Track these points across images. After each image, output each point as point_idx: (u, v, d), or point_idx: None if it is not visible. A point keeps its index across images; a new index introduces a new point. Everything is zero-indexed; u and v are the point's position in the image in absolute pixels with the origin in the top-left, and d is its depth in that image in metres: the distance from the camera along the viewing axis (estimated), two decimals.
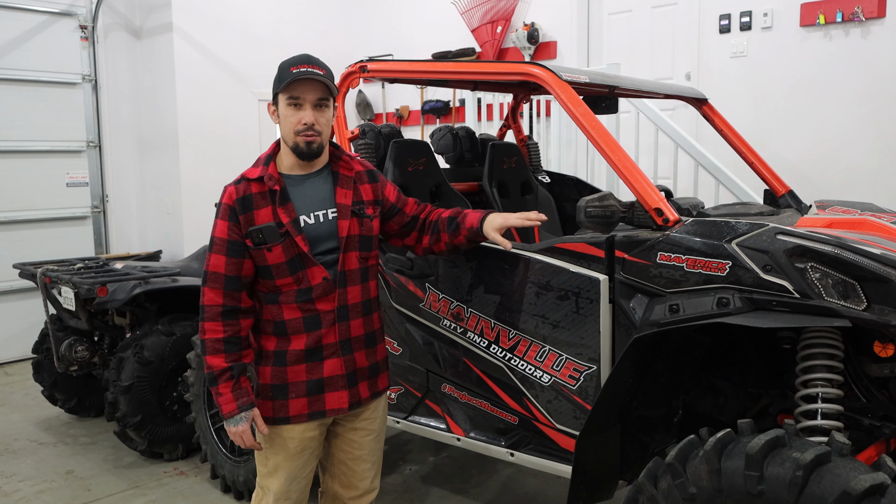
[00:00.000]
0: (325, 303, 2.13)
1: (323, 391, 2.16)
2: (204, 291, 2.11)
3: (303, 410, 2.15)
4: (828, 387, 2.05)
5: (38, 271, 4.25)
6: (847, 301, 1.86)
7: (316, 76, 2.06)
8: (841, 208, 2.72)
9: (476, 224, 2.34)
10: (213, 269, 2.10)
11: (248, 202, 2.09)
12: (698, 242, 2.06)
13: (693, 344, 2.30)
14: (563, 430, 2.46)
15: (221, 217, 2.11)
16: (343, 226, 2.15)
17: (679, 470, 1.88)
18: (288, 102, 2.08)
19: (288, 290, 2.12)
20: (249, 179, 2.12)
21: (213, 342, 2.08)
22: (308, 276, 2.11)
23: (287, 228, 2.08)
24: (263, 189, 2.10)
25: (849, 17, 4.73)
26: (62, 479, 3.82)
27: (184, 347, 3.86)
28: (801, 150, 5.03)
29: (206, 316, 2.09)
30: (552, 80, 2.48)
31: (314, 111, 2.09)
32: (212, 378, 2.09)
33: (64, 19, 6.24)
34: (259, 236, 2.08)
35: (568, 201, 3.86)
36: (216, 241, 2.11)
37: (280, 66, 2.10)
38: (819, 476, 1.68)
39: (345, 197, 2.18)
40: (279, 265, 2.10)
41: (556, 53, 6.29)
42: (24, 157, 6.04)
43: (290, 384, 2.14)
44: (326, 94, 2.11)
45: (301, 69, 2.05)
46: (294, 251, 2.09)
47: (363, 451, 2.31)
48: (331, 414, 2.19)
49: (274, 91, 2.12)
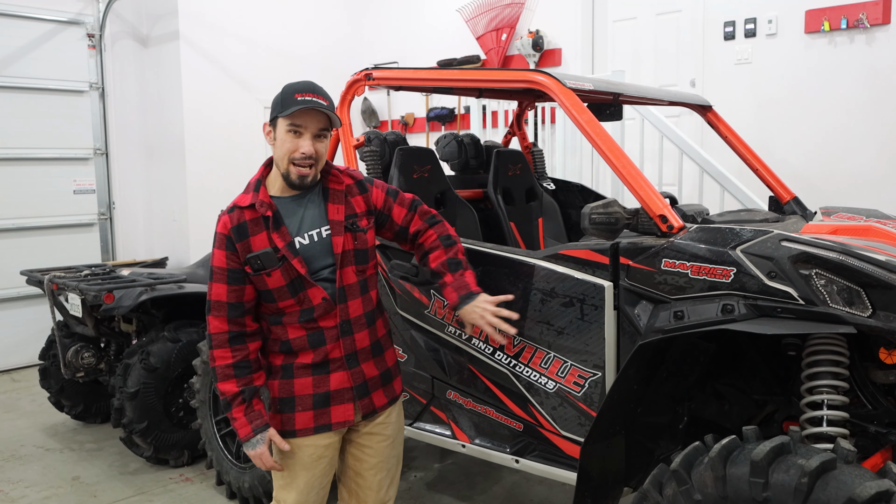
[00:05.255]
0: (328, 320, 2.14)
1: (329, 404, 2.16)
2: (209, 321, 2.13)
3: (308, 424, 2.15)
4: (833, 393, 2.04)
5: (46, 278, 4.27)
6: (852, 308, 1.85)
7: (321, 107, 2.05)
8: (846, 215, 2.72)
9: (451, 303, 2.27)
10: (215, 297, 2.11)
11: (243, 230, 2.10)
12: (703, 249, 2.06)
13: (698, 351, 2.29)
14: (568, 436, 2.45)
15: (218, 246, 2.12)
16: (338, 242, 2.14)
17: (684, 477, 1.88)
18: (288, 128, 2.07)
19: (291, 311, 2.13)
20: (242, 207, 2.12)
21: (223, 368, 2.10)
22: (309, 297, 2.12)
23: (283, 253, 2.08)
24: (256, 215, 2.10)
25: (853, 24, 4.72)
26: (68, 485, 3.83)
27: (189, 354, 3.87)
28: (805, 157, 5.02)
29: (214, 344, 2.11)
30: (557, 87, 2.48)
31: (313, 141, 2.08)
32: (226, 404, 2.12)
33: (71, 28, 6.29)
34: (258, 262, 2.08)
35: (573, 208, 3.85)
36: (216, 271, 2.12)
37: (284, 90, 2.09)
38: (824, 483, 1.67)
39: (337, 213, 2.17)
40: (280, 288, 2.10)
41: (561, 61, 6.30)
42: (32, 164, 6.07)
43: (297, 397, 2.15)
44: (327, 125, 2.11)
45: (307, 97, 2.04)
46: (293, 274, 2.10)
47: (378, 459, 2.29)
48: (336, 427, 2.18)
49: (274, 114, 2.10)
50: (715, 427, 2.41)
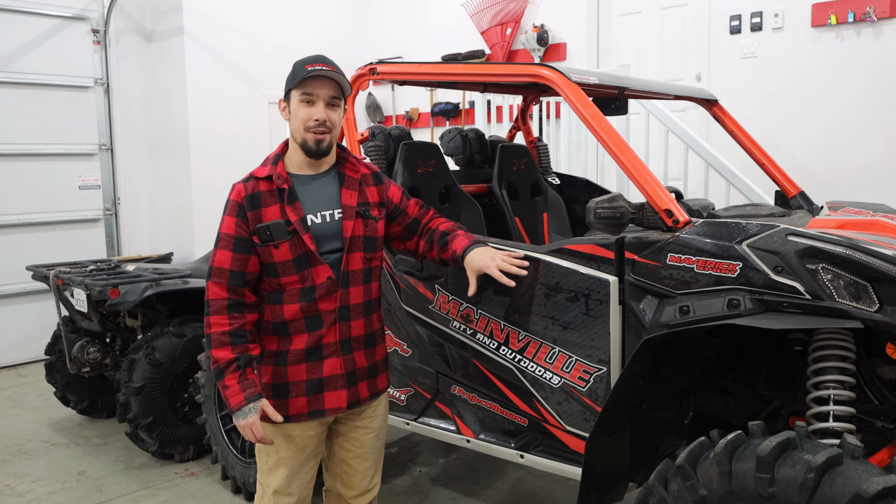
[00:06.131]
0: (327, 302, 2.15)
1: (322, 390, 2.17)
2: (208, 286, 2.11)
3: (302, 409, 2.17)
4: (840, 389, 2.04)
5: (51, 273, 4.29)
6: (859, 302, 1.84)
7: (330, 74, 2.10)
8: (853, 209, 2.70)
9: (459, 251, 2.35)
10: (218, 264, 2.11)
11: (256, 199, 2.12)
12: (708, 244, 2.05)
13: (703, 346, 2.29)
14: (572, 431, 2.45)
15: (229, 213, 2.13)
16: (347, 226, 2.17)
17: (689, 472, 1.88)
18: (301, 99, 2.11)
19: (292, 289, 2.13)
20: (258, 178, 2.15)
21: (218, 335, 2.07)
22: (313, 275, 2.13)
23: (295, 227, 2.11)
24: (272, 187, 2.13)
25: (860, 18, 4.69)
26: (74, 479, 3.84)
27: (195, 349, 3.88)
28: (812, 151, 4.99)
29: (212, 310, 2.09)
30: (562, 81, 2.47)
31: (326, 109, 2.12)
32: (218, 372, 2.08)
33: (76, 23, 6.29)
34: (267, 233, 2.10)
35: (578, 203, 3.85)
36: (223, 237, 2.12)
37: (294, 64, 2.14)
38: (831, 478, 1.67)
39: (350, 198, 2.20)
40: (285, 262, 2.11)
41: (566, 55, 6.27)
42: (37, 160, 6.09)
43: (291, 384, 2.16)
44: (339, 94, 2.15)
45: (316, 66, 2.09)
46: (301, 249, 2.11)
47: (364, 450, 2.33)
48: (330, 413, 2.20)
49: (287, 87, 2.15)
50: (720, 422, 2.39)
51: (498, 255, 2.34)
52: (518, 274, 2.30)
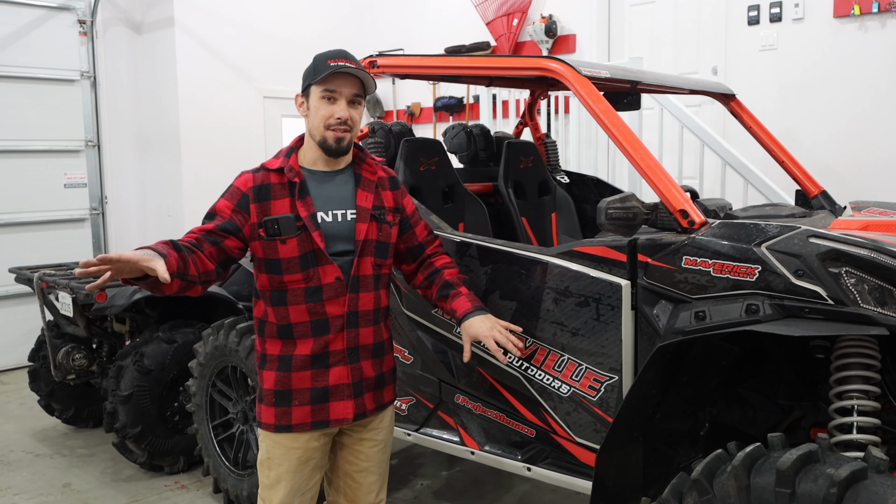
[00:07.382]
0: (335, 306, 2.11)
1: (328, 400, 2.14)
2: None
3: (306, 419, 2.13)
4: (864, 399, 2.00)
5: (35, 276, 4.21)
6: (884, 308, 1.80)
7: (354, 71, 2.07)
8: (878, 210, 2.67)
9: (459, 314, 2.27)
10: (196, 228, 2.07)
11: (265, 191, 2.09)
12: (726, 246, 2.02)
13: (720, 353, 2.25)
14: (582, 443, 2.42)
15: (227, 198, 2.10)
16: (361, 229, 2.13)
17: (705, 486, 1.84)
18: (322, 95, 2.08)
19: (295, 289, 2.09)
20: (269, 169, 2.13)
21: None
22: (319, 274, 2.09)
23: (304, 222, 2.07)
24: (283, 180, 2.11)
25: (886, 8, 4.65)
26: (59, 492, 3.76)
27: (185, 356, 3.78)
28: (834, 148, 4.95)
29: None
30: (571, 74, 2.44)
31: (348, 107, 2.10)
32: None
33: (62, 14, 6.18)
34: (274, 226, 2.07)
35: (588, 202, 3.82)
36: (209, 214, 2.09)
37: (316, 58, 2.11)
38: (855, 493, 1.62)
39: (365, 200, 2.17)
40: (290, 259, 2.08)
41: (576, 47, 6.26)
42: (21, 156, 5.98)
43: (295, 391, 2.13)
44: (361, 91, 2.13)
45: (339, 62, 2.06)
46: (308, 247, 2.08)
47: (370, 463, 2.29)
48: (335, 424, 2.16)
49: (306, 82, 2.12)
50: (738, 434, 2.36)
51: (497, 327, 2.23)
52: (513, 353, 2.23)
